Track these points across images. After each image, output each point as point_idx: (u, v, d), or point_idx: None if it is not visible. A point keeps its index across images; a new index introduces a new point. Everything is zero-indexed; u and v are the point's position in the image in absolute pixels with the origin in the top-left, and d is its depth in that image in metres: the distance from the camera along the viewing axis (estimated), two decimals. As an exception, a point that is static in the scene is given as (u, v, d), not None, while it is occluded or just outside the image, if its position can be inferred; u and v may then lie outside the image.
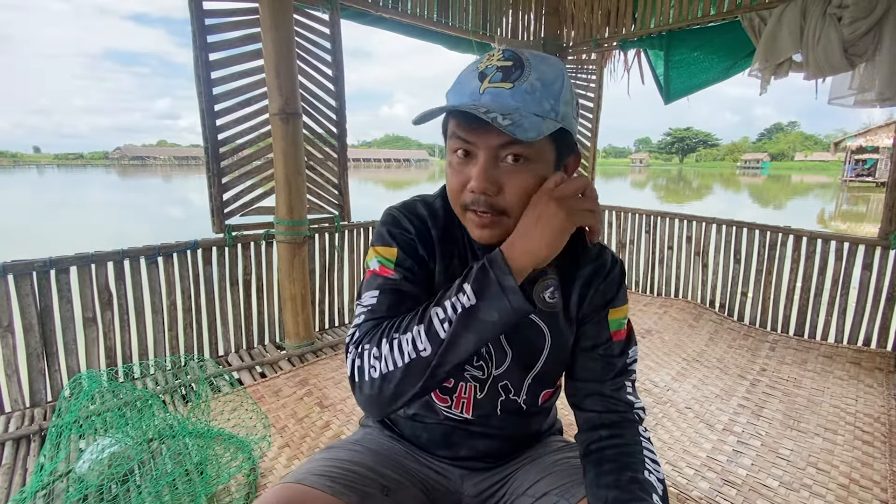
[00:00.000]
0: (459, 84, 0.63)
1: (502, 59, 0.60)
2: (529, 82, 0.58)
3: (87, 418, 1.67)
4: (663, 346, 2.67)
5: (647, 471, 0.64)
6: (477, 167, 0.59)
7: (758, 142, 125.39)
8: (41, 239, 9.46)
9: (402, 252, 0.69)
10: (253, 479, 1.48)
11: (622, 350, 0.72)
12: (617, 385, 0.71)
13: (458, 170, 0.62)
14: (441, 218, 0.73)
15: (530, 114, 0.57)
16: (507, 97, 0.58)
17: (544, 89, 0.59)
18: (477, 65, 0.62)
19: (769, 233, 2.94)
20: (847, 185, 27.55)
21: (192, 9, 2.12)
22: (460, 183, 0.62)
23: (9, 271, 1.82)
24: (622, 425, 0.69)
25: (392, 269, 0.68)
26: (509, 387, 0.76)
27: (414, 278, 0.68)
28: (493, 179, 0.59)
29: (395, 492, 0.72)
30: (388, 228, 0.71)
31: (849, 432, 1.82)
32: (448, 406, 0.77)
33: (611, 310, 0.72)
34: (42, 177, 50.04)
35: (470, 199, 0.61)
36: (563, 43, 3.82)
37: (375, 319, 0.65)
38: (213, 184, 2.31)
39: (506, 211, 0.61)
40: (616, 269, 0.74)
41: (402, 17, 2.96)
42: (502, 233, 0.62)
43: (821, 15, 2.37)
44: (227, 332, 2.49)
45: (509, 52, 0.61)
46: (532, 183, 0.60)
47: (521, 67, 0.59)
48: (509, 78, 0.58)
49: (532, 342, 0.73)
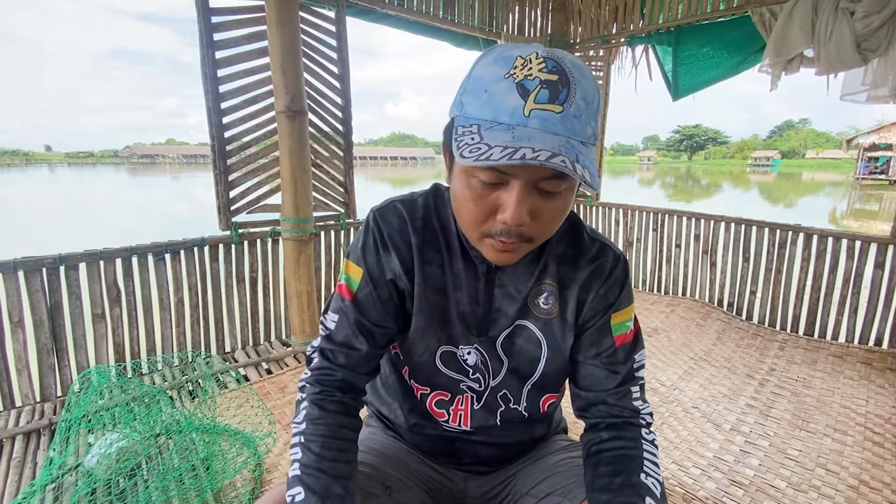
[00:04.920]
0: (489, 95, 0.52)
1: (546, 71, 0.50)
2: (576, 104, 0.50)
3: (95, 413, 1.69)
4: (670, 345, 2.65)
5: (645, 473, 0.62)
6: (513, 199, 0.52)
7: (768, 139, 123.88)
8: (52, 236, 9.58)
9: (368, 275, 0.67)
10: (258, 474, 1.49)
11: (627, 356, 0.68)
12: (622, 393, 0.68)
13: (480, 196, 0.54)
14: (422, 222, 0.68)
15: (579, 142, 0.51)
16: (556, 123, 0.50)
17: (588, 110, 0.52)
18: (509, 69, 0.51)
19: (779, 231, 2.91)
20: (859, 183, 27.17)
21: (199, 7, 2.13)
22: (485, 212, 0.55)
23: (19, 268, 1.85)
24: (624, 428, 0.67)
25: (353, 294, 0.67)
26: (508, 396, 0.73)
27: (373, 308, 0.67)
28: (528, 209, 0.54)
29: (397, 492, 0.71)
30: (363, 241, 0.68)
31: (859, 433, 1.80)
32: (446, 420, 0.75)
33: (613, 314, 0.68)
34: (54, 175, 50.67)
35: (498, 230, 0.55)
36: (570, 39, 3.79)
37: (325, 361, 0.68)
38: (220, 181, 2.33)
39: (532, 238, 0.57)
40: (618, 270, 0.68)
41: (407, 14, 2.95)
42: (519, 256, 0.60)
43: (833, 9, 2.33)
44: (233, 329, 2.51)
45: (552, 61, 0.51)
46: (564, 208, 0.57)
47: (568, 84, 0.50)
48: (557, 98, 0.50)
49: (528, 351, 0.70)
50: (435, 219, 0.68)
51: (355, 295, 0.67)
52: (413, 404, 0.77)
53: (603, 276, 0.68)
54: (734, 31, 2.90)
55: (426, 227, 0.68)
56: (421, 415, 0.77)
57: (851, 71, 2.44)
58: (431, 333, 0.70)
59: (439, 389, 0.74)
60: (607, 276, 0.68)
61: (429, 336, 0.70)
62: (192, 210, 15.84)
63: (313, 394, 0.67)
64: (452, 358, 0.71)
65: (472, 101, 0.53)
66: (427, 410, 0.76)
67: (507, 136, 0.49)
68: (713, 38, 3.02)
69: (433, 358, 0.71)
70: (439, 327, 0.70)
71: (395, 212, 0.68)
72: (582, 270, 0.68)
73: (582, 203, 3.99)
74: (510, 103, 0.50)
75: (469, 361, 0.71)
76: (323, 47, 2.52)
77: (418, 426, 0.78)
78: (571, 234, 0.70)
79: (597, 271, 0.68)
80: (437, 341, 0.71)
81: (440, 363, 0.72)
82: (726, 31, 2.95)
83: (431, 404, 0.75)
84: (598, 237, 0.70)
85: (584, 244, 0.69)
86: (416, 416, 0.78)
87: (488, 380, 0.72)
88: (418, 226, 0.67)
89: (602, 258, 0.68)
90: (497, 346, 0.70)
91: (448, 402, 0.74)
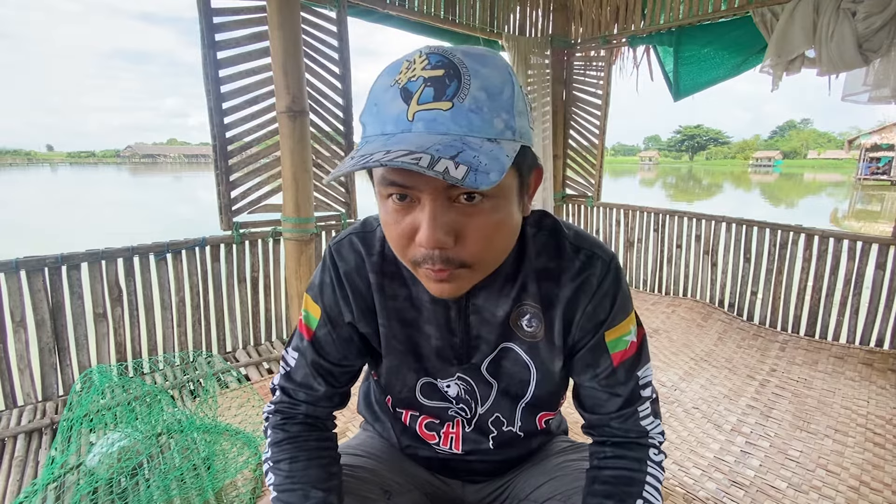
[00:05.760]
0: (376, 106, 0.47)
1: (429, 67, 0.45)
2: (472, 96, 0.44)
3: (97, 412, 1.69)
4: (671, 345, 2.65)
5: (643, 499, 0.59)
6: (425, 218, 0.46)
7: (770, 139, 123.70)
8: (54, 235, 9.60)
9: (326, 315, 0.65)
10: (259, 474, 1.49)
11: (628, 374, 0.62)
12: (626, 416, 0.62)
13: (396, 219, 0.49)
14: (380, 257, 0.63)
15: (482, 139, 0.44)
16: (447, 122, 0.43)
17: (492, 102, 0.45)
18: (395, 75, 0.46)
19: (780, 231, 2.90)
20: (861, 184, 27.12)
21: (201, 7, 2.14)
22: (403, 236, 0.49)
23: (21, 267, 1.85)
24: (630, 447, 0.63)
25: (312, 333, 0.66)
26: (501, 419, 0.69)
27: (332, 348, 0.66)
28: (447, 228, 0.47)
29: (396, 495, 0.70)
30: (321, 279, 0.65)
31: (860, 434, 1.79)
32: (436, 442, 0.73)
33: (606, 332, 0.61)
34: (56, 174, 50.76)
35: (421, 256, 0.49)
36: (572, 40, 3.79)
37: (286, 397, 0.68)
38: (222, 181, 2.33)
39: (467, 263, 0.49)
40: (608, 280, 0.60)
41: (408, 15, 2.96)
42: (465, 285, 0.52)
43: (834, 9, 2.33)
44: (234, 329, 2.51)
45: (435, 55, 0.45)
46: (495, 221, 0.48)
47: (458, 76, 0.44)
48: (444, 94, 0.44)
49: (517, 374, 0.66)
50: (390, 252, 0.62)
51: (314, 334, 0.66)
52: (403, 427, 0.76)
53: (590, 291, 0.59)
54: (735, 32, 2.89)
55: (385, 261, 0.62)
56: (412, 436, 0.75)
57: (853, 71, 2.44)
58: (406, 370, 0.67)
59: (427, 414, 0.72)
60: (595, 290, 0.59)
61: (404, 373, 0.68)
62: (194, 210, 15.86)
63: (275, 422, 0.67)
64: (433, 389, 0.69)
65: (368, 118, 0.49)
66: (417, 433, 0.74)
67: (380, 143, 0.44)
68: (714, 38, 3.02)
69: (413, 393, 0.69)
70: (414, 362, 0.66)
71: (352, 247, 0.63)
72: (566, 287, 0.60)
73: (583, 203, 3.99)
74: (394, 111, 0.45)
75: (451, 393, 0.68)
76: (324, 47, 2.52)
77: (411, 447, 0.77)
78: (551, 245, 0.62)
79: (582, 287, 0.59)
80: (415, 375, 0.68)
81: (421, 396, 0.70)
82: (728, 32, 2.94)
83: (421, 427, 0.73)
84: (584, 244, 0.61)
85: (566, 256, 0.60)
86: (407, 437, 0.76)
87: (476, 408, 0.69)
88: (375, 261, 0.62)
89: (588, 270, 0.60)
90: (483, 371, 0.66)
91: (438, 425, 0.72)
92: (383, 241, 0.63)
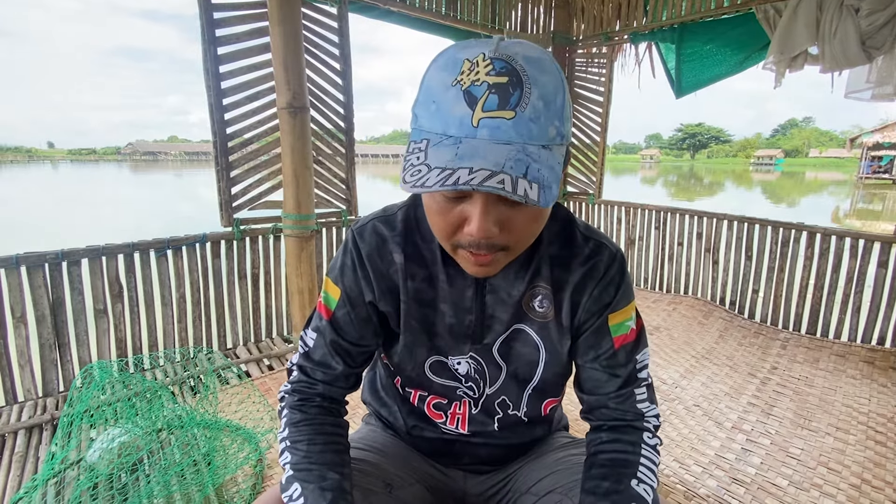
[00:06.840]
0: (437, 105, 0.48)
1: (494, 73, 0.46)
2: (532, 105, 0.46)
3: (97, 408, 1.69)
4: (672, 343, 2.65)
5: (637, 480, 0.61)
6: (477, 212, 0.49)
7: (771, 138, 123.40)
8: (55, 231, 9.61)
9: (346, 296, 0.67)
10: (259, 469, 1.49)
11: (628, 357, 0.66)
12: (624, 396, 0.66)
13: (445, 209, 0.52)
14: (403, 238, 0.66)
15: (538, 147, 0.47)
16: (509, 130, 0.46)
17: (547, 110, 0.47)
18: (456, 75, 0.48)
19: (782, 229, 2.90)
20: (863, 183, 27.08)
21: (201, 3, 2.13)
22: (451, 225, 0.53)
23: (22, 263, 1.85)
24: (625, 431, 0.66)
25: (331, 313, 0.68)
26: (507, 402, 0.72)
27: (351, 328, 0.68)
28: (496, 221, 0.51)
29: (398, 489, 0.71)
30: (342, 262, 0.68)
31: (861, 432, 1.79)
32: (443, 422, 0.75)
33: (610, 315, 0.65)
34: (57, 172, 50.78)
35: (466, 242, 0.53)
36: (573, 36, 3.77)
37: (303, 376, 0.69)
38: (222, 177, 2.33)
39: (508, 247, 0.54)
40: (613, 269, 0.65)
41: (410, 11, 2.95)
42: (500, 266, 0.57)
43: (838, 7, 2.32)
44: (235, 325, 2.51)
45: (500, 62, 0.46)
46: (539, 215, 0.53)
47: (520, 84, 0.46)
48: (508, 103, 0.46)
49: (526, 355, 0.69)
50: (416, 231, 0.66)
51: (333, 314, 0.68)
52: (411, 408, 0.77)
53: (597, 276, 0.64)
54: (738, 29, 2.88)
55: (407, 243, 0.66)
56: (419, 417, 0.77)
57: (856, 68, 2.43)
58: (419, 346, 0.70)
59: (435, 394, 0.74)
60: (601, 276, 0.64)
61: (417, 350, 0.70)
62: (194, 207, 15.87)
63: (292, 402, 0.68)
64: (443, 367, 0.71)
65: (423, 112, 0.50)
66: (425, 413, 0.76)
67: (451, 153, 0.46)
68: (717, 35, 3.01)
69: (423, 369, 0.72)
70: (427, 340, 0.69)
71: (375, 231, 0.66)
72: (575, 272, 0.65)
73: (584, 201, 3.98)
74: (457, 114, 0.47)
75: (461, 371, 0.71)
76: (325, 44, 2.51)
77: (417, 428, 0.78)
78: (564, 234, 0.67)
79: (590, 272, 0.65)
80: (426, 352, 0.70)
81: (430, 373, 0.72)
82: (730, 29, 2.93)
83: (429, 406, 0.75)
84: (593, 235, 0.67)
85: (577, 244, 0.66)
86: (414, 418, 0.78)
87: (483, 388, 0.71)
88: (399, 242, 0.66)
89: (596, 258, 0.65)
90: (494, 352, 0.69)
91: (446, 405, 0.74)
92: (406, 224, 0.67)
